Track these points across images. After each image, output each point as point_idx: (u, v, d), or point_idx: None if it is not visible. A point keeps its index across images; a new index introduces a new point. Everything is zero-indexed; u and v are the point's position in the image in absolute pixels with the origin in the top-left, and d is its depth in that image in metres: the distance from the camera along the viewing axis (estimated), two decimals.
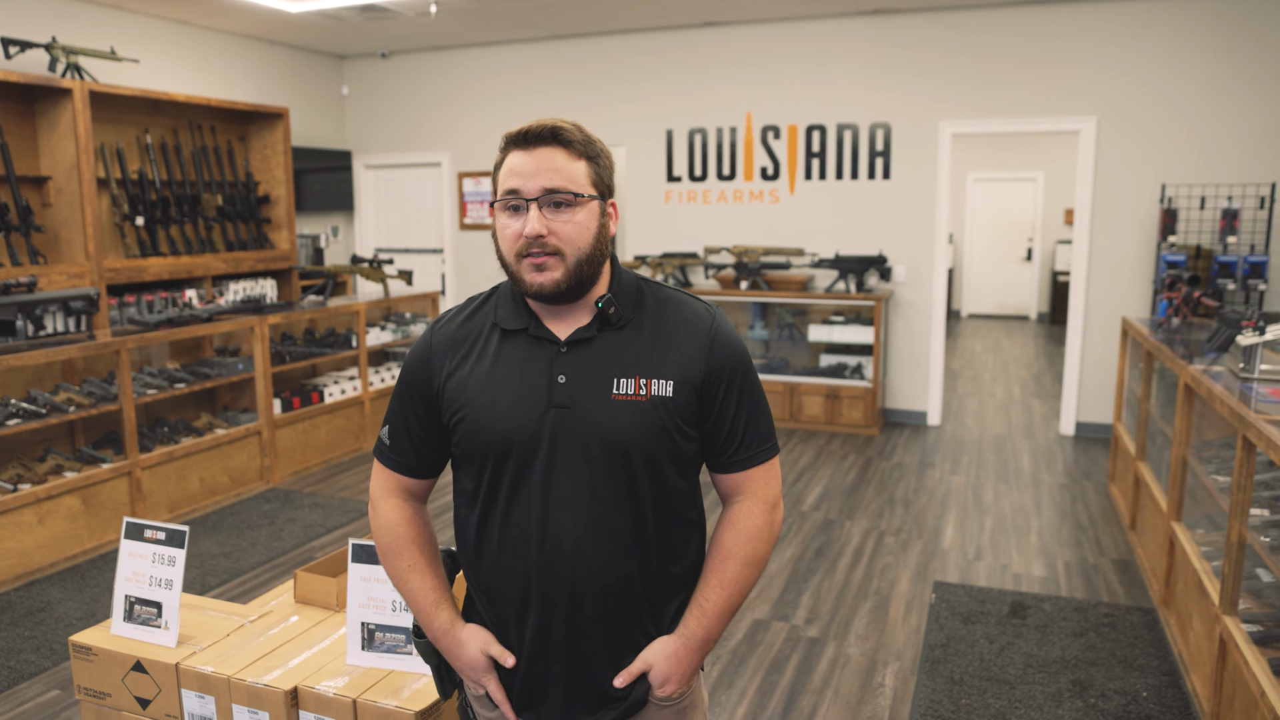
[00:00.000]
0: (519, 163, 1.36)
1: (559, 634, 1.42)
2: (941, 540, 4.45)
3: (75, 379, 4.76)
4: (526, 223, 1.34)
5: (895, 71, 6.43)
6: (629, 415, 1.36)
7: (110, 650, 2.22)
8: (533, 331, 1.41)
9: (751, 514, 1.47)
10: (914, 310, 6.65)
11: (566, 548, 1.38)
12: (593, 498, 1.37)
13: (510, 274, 1.40)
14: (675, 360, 1.39)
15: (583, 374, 1.38)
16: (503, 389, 1.40)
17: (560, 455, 1.36)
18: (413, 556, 1.50)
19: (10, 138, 5.13)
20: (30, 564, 4.12)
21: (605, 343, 1.40)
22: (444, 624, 1.47)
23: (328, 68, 7.96)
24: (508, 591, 1.43)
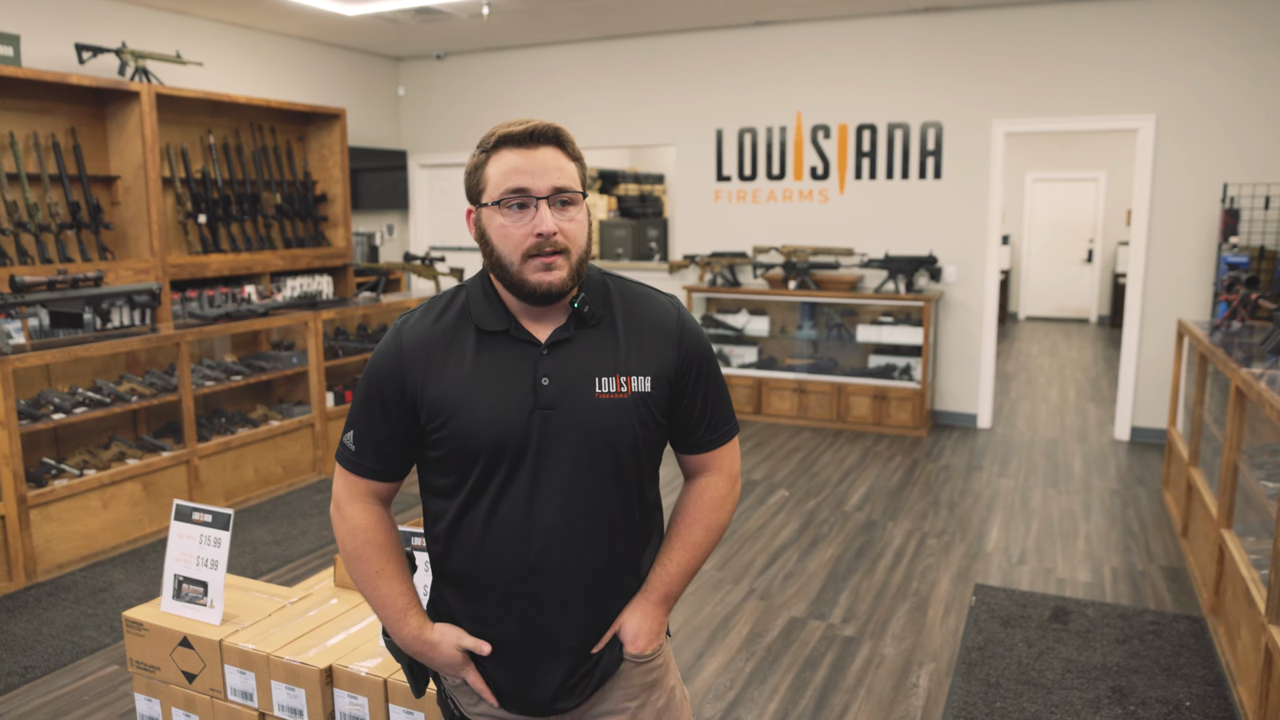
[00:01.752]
0: (522, 162, 1.35)
1: (546, 623, 1.45)
2: (985, 543, 4.40)
3: (138, 370, 4.94)
4: (538, 221, 1.34)
5: (947, 70, 6.36)
6: (613, 413, 1.41)
7: (160, 626, 2.32)
8: (514, 333, 1.41)
9: (716, 486, 1.57)
10: (965, 311, 6.57)
11: (555, 544, 1.41)
12: (579, 493, 1.41)
13: (508, 276, 1.38)
14: (650, 356, 1.45)
15: (565, 375, 1.40)
16: (487, 392, 1.39)
17: (548, 454, 1.39)
18: (380, 562, 1.48)
19: (82, 139, 5.34)
20: (94, 546, 4.30)
21: (583, 342, 1.42)
22: (414, 629, 1.47)
23: (384, 69, 8.13)
24: (488, 583, 1.44)
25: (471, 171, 1.41)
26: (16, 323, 4.65)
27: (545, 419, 1.38)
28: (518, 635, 1.45)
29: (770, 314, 7.15)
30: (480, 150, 1.40)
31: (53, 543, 4.13)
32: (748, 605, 3.76)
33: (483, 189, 1.39)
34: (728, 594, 3.87)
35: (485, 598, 1.45)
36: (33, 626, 3.63)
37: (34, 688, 3.18)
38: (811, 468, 5.66)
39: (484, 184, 1.38)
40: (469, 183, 1.42)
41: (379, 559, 1.48)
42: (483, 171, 1.38)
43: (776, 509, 4.91)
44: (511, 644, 1.46)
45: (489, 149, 1.38)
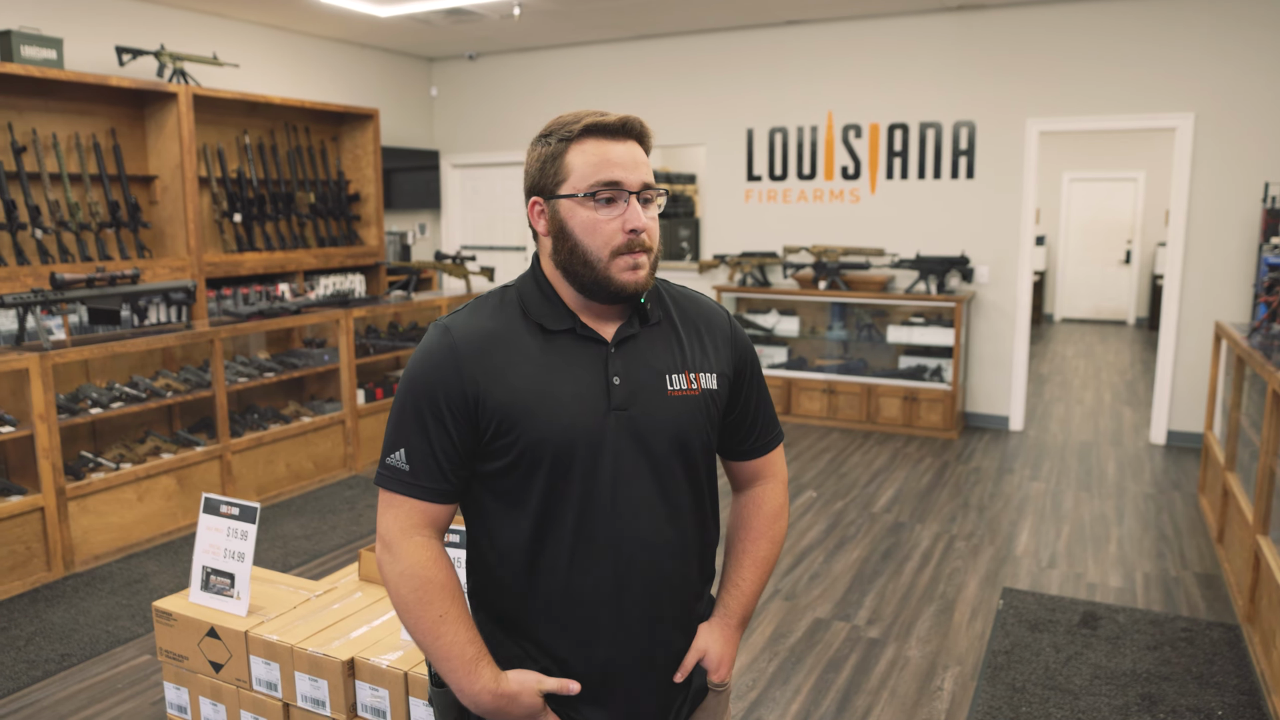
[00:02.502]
0: (616, 153, 1.29)
1: (638, 647, 1.36)
2: (1014, 546, 4.35)
3: (174, 366, 5.03)
4: (631, 217, 1.28)
5: (980, 68, 6.29)
6: (686, 411, 1.36)
7: (188, 616, 2.37)
8: (580, 331, 1.33)
9: (775, 495, 1.53)
10: (997, 312, 6.50)
11: (641, 556, 1.33)
12: (662, 500, 1.34)
13: (591, 273, 1.29)
14: (711, 354, 1.41)
15: (636, 373, 1.33)
16: (559, 394, 1.29)
17: (626, 459, 1.31)
18: (444, 605, 1.29)
19: (122, 139, 5.45)
20: (130, 538, 4.38)
21: (648, 340, 1.36)
22: (488, 682, 1.29)
23: (417, 70, 8.20)
24: (576, 610, 1.32)
25: (547, 160, 1.31)
26: (57, 319, 4.75)
27: (619, 420, 1.30)
28: (608, 665, 1.34)
29: (800, 314, 7.12)
30: (557, 139, 1.30)
31: (90, 534, 4.21)
32: (772, 605, 3.75)
33: (563, 179, 1.29)
34: None
35: (571, 628, 1.33)
36: (70, 616, 3.71)
37: (70, 674, 3.25)
38: (840, 469, 5.63)
39: (565, 173, 1.29)
40: (541, 171, 1.32)
41: (443, 601, 1.29)
42: (562, 160, 1.29)
43: (804, 509, 4.89)
44: (600, 676, 1.34)
45: (571, 137, 1.29)
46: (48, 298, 4.18)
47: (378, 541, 1.34)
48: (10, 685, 3.17)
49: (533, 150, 1.35)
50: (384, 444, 1.34)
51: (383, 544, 1.32)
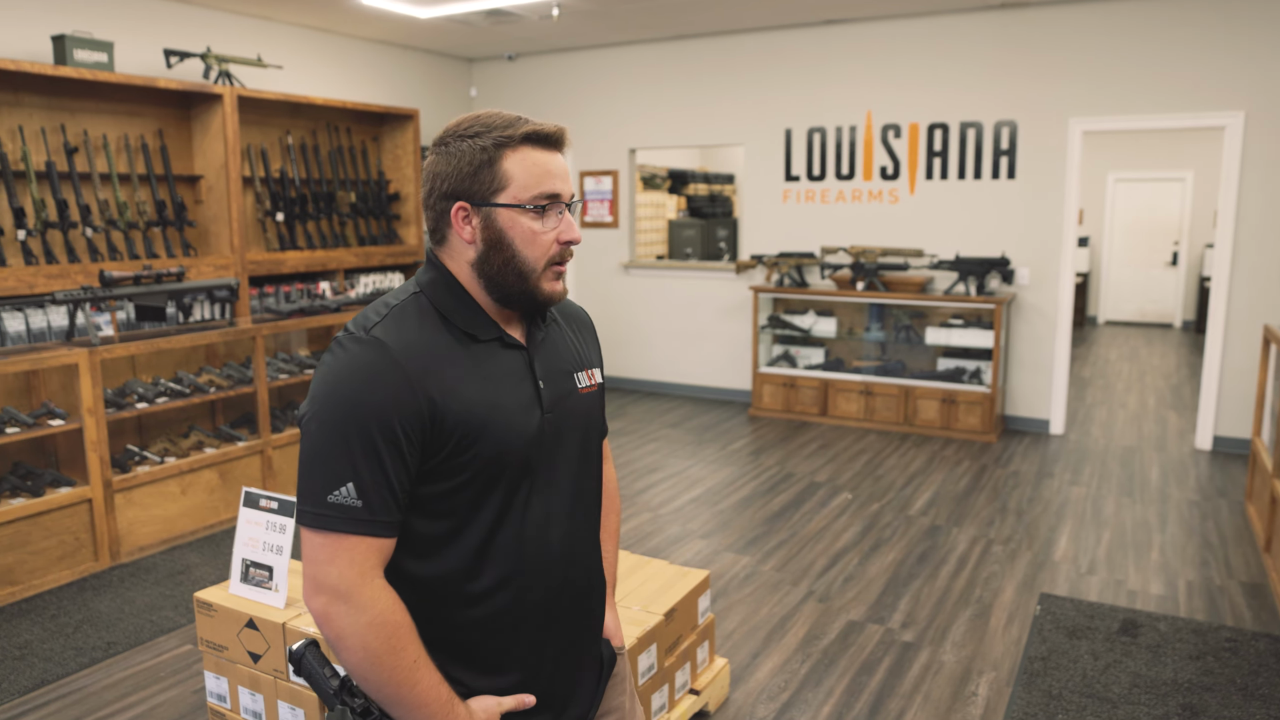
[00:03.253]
0: (554, 164, 1.29)
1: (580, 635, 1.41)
2: (1053, 552, 4.29)
3: (217, 362, 5.13)
4: (567, 229, 1.30)
5: (1022, 67, 6.21)
6: (594, 406, 1.46)
7: (228, 608, 2.41)
8: (507, 340, 1.33)
9: (611, 474, 1.64)
10: (1038, 314, 6.41)
11: (576, 550, 1.39)
12: (580, 493, 1.41)
13: (523, 283, 1.29)
14: (592, 349, 1.51)
15: (554, 375, 1.37)
16: (505, 402, 1.28)
17: (556, 458, 1.34)
18: (415, 649, 1.22)
19: (169, 140, 5.56)
20: (173, 530, 4.47)
21: (552, 343, 1.41)
22: (464, 716, 1.26)
23: (457, 70, 8.27)
24: (528, 612, 1.32)
25: (482, 165, 1.25)
26: (106, 315, 4.87)
27: (550, 422, 1.33)
28: (555, 658, 1.37)
29: (838, 315, 7.08)
30: (492, 143, 1.25)
31: (135, 526, 4.31)
32: (806, 607, 3.73)
33: (501, 187, 1.25)
34: (786, 595, 3.85)
35: (521, 630, 1.32)
36: (115, 605, 3.80)
37: (115, 663, 3.33)
38: (876, 471, 5.59)
39: (504, 181, 1.25)
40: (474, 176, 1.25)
41: (414, 645, 1.22)
42: (498, 167, 1.25)
43: (839, 511, 4.86)
44: (548, 671, 1.36)
45: (508, 143, 1.25)
46: (97, 295, 4.28)
47: (321, 594, 1.17)
48: (59, 671, 3.26)
49: (448, 150, 1.27)
50: (312, 480, 1.18)
51: (335, 596, 1.17)
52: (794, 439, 6.37)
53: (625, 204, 7.91)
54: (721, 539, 4.51)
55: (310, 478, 1.19)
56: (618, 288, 8.03)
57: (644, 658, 2.55)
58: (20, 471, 4.12)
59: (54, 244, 4.95)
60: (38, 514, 3.94)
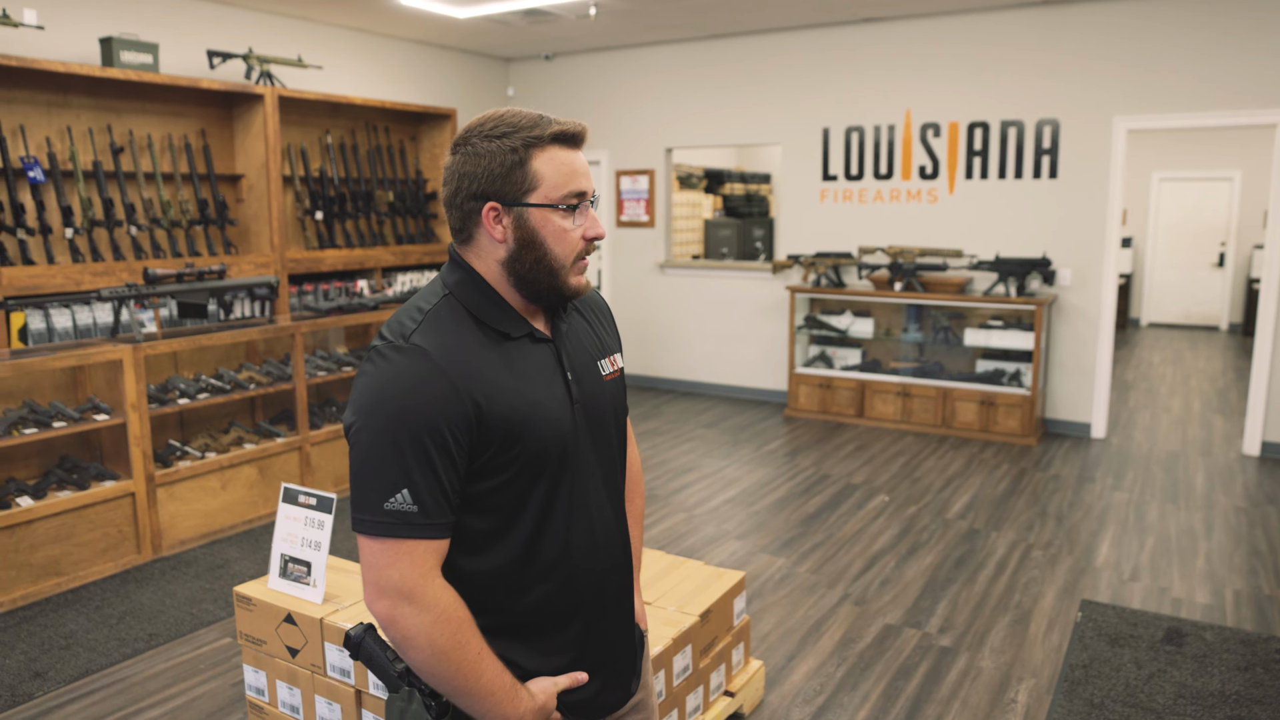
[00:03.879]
0: (578, 162, 1.31)
1: (622, 618, 1.47)
2: (1094, 558, 4.22)
3: (257, 359, 5.19)
4: (593, 225, 1.33)
5: (1064, 65, 6.11)
6: (618, 392, 1.48)
7: (267, 602, 2.44)
8: (536, 335, 1.36)
9: (635, 457, 1.65)
10: (1080, 316, 6.30)
11: (615, 535, 1.43)
12: (611, 479, 1.44)
13: (554, 279, 1.32)
14: (612, 335, 1.53)
15: (580, 366, 1.40)
16: (542, 397, 1.31)
17: (589, 448, 1.38)
18: (478, 641, 1.27)
19: (211, 139, 5.64)
20: (213, 525, 4.53)
21: (575, 333, 1.43)
22: (528, 701, 1.30)
23: (494, 70, 8.31)
24: (576, 600, 1.37)
25: (513, 165, 1.26)
26: (149, 312, 4.95)
27: (580, 413, 1.37)
28: (601, 637, 1.42)
29: (875, 316, 7.01)
30: (521, 143, 1.27)
31: (176, 520, 4.37)
32: (842, 610, 3.70)
33: (532, 187, 1.27)
34: (822, 597, 3.82)
35: (570, 614, 1.37)
36: (157, 598, 3.85)
37: (157, 654, 3.38)
38: (914, 473, 5.52)
39: (535, 180, 1.27)
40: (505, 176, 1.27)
41: (476, 637, 1.26)
42: (528, 167, 1.27)
43: (876, 514, 4.81)
44: (595, 650, 1.41)
45: (536, 143, 1.27)
46: (141, 292, 4.35)
47: (385, 598, 1.21)
48: (103, 661, 3.31)
49: (475, 150, 1.28)
50: (368, 489, 1.21)
51: (400, 598, 1.21)
52: (830, 440, 6.32)
53: (661, 203, 7.90)
54: (757, 540, 4.48)
55: (365, 486, 1.22)
56: (653, 287, 8.02)
57: (679, 659, 2.54)
58: (67, 465, 4.20)
59: (100, 242, 5.04)
60: (83, 507, 4.01)
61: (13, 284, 4.39)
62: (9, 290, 4.38)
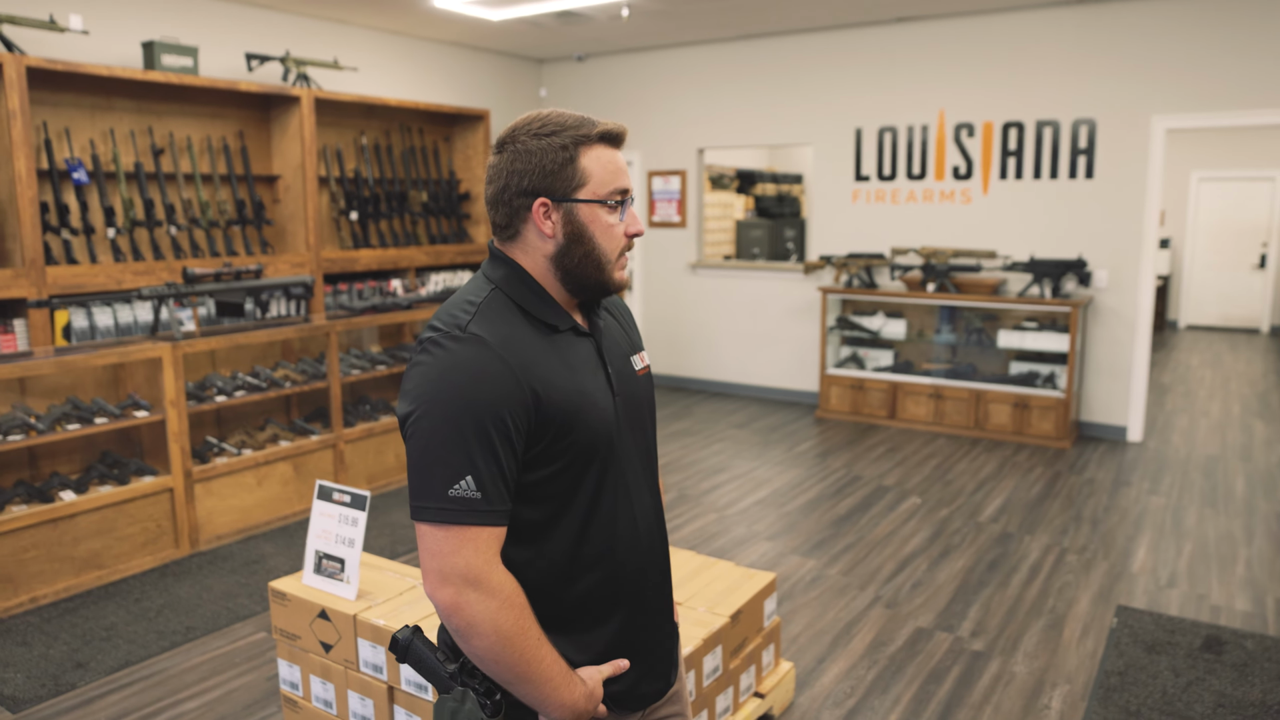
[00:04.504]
0: (621, 161, 1.37)
1: (663, 609, 1.50)
2: (1130, 563, 4.16)
3: (292, 357, 5.26)
4: (631, 222, 1.38)
5: (1102, 63, 6.03)
6: (649, 387, 1.52)
7: (301, 598, 2.47)
8: (580, 329, 1.40)
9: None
10: (1116, 318, 6.22)
11: (654, 526, 1.48)
12: (647, 471, 1.48)
13: (600, 274, 1.36)
14: (636, 334, 1.57)
15: (617, 360, 1.45)
16: (589, 388, 1.35)
17: (631, 440, 1.43)
18: (538, 627, 1.29)
19: (249, 141, 5.72)
20: (249, 520, 4.60)
21: (609, 329, 1.47)
22: (581, 685, 1.33)
23: (527, 71, 8.35)
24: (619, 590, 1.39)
25: (564, 162, 1.30)
26: (188, 311, 5.03)
27: (619, 405, 1.41)
28: (644, 627, 1.45)
29: (907, 317, 6.96)
30: (572, 141, 1.31)
31: (213, 515, 4.44)
32: (873, 612, 3.68)
33: (581, 183, 1.31)
34: (852, 600, 3.80)
35: (615, 604, 1.39)
36: (194, 591, 3.92)
37: (194, 646, 3.44)
38: (946, 475, 5.48)
39: (584, 177, 1.31)
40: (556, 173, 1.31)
41: (535, 623, 1.29)
42: (577, 164, 1.31)
43: (907, 516, 4.78)
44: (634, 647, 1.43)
45: (585, 141, 1.31)
46: (180, 291, 4.43)
47: (449, 585, 1.22)
48: (142, 653, 3.38)
49: (526, 147, 1.31)
50: (431, 476, 1.22)
51: (465, 584, 1.22)
52: (862, 442, 6.29)
53: (693, 204, 7.90)
54: (788, 541, 4.47)
55: (428, 474, 1.22)
56: (685, 288, 8.02)
57: (709, 659, 2.54)
58: (108, 460, 4.28)
59: (140, 242, 5.13)
60: (123, 502, 4.09)
61: (57, 283, 4.49)
62: (54, 289, 4.47)
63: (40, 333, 4.42)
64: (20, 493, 3.90)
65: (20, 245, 4.36)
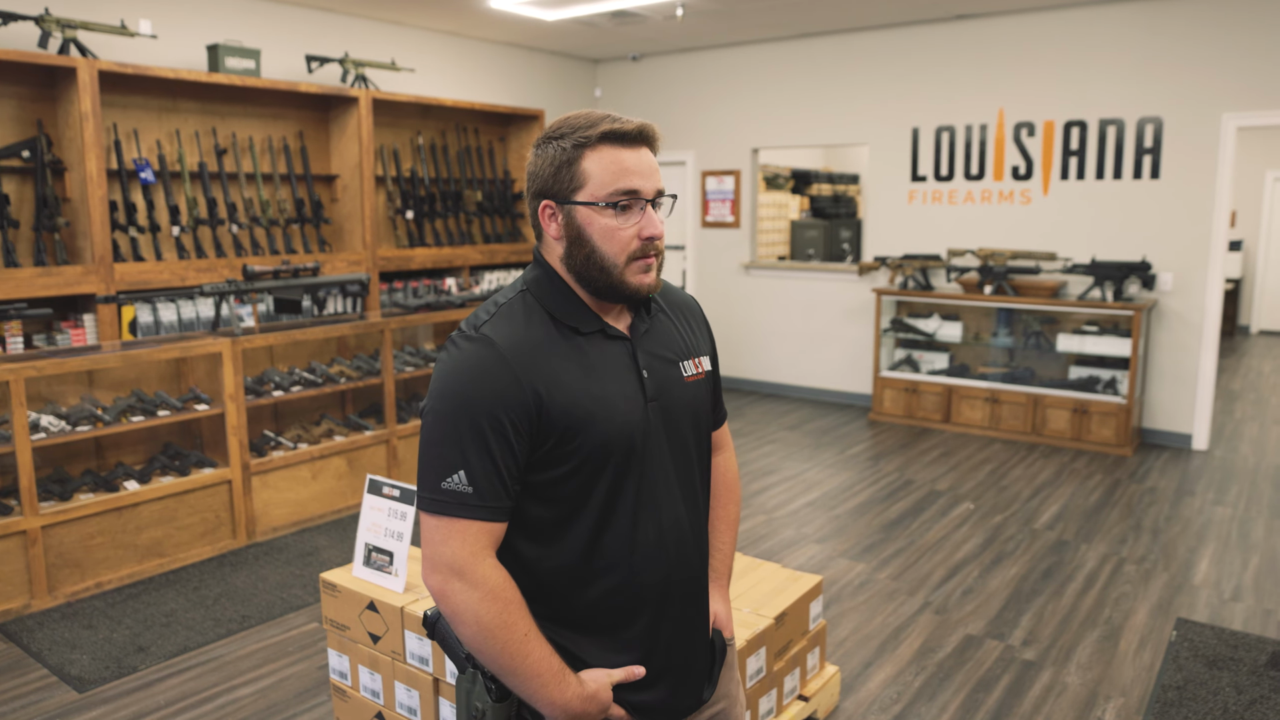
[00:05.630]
0: (632, 161, 1.31)
1: (691, 623, 1.45)
2: (1192, 575, 4.04)
3: (347, 354, 5.35)
4: (648, 224, 1.32)
5: (1170, 60, 5.86)
6: (699, 394, 1.47)
7: (350, 589, 2.52)
8: (609, 331, 1.37)
9: (732, 463, 1.65)
10: (1181, 322, 6.04)
11: (686, 535, 1.42)
12: (689, 481, 1.44)
13: (607, 278, 1.33)
14: (700, 337, 1.52)
15: (657, 365, 1.40)
16: (609, 393, 1.33)
17: (663, 447, 1.38)
18: (526, 622, 1.29)
19: (308, 141, 5.84)
20: (304, 513, 4.70)
21: (657, 332, 1.44)
22: (576, 687, 1.31)
23: (582, 71, 8.39)
24: (639, 600, 1.36)
25: (562, 165, 1.31)
26: (248, 307, 5.15)
27: (654, 411, 1.37)
28: (668, 641, 1.40)
29: (963, 319, 6.85)
30: (571, 144, 1.30)
31: (269, 508, 4.54)
32: (922, 618, 3.63)
33: (579, 185, 1.30)
34: (901, 605, 3.75)
35: (634, 613, 1.37)
36: (250, 581, 4.01)
37: (249, 635, 3.52)
38: (1001, 481, 5.38)
39: (582, 180, 1.30)
40: (555, 176, 1.32)
41: (524, 619, 1.29)
42: (578, 166, 1.30)
43: (959, 522, 4.70)
44: (661, 653, 1.40)
45: (586, 143, 1.30)
46: (240, 288, 4.54)
47: (437, 572, 1.27)
48: (200, 639, 3.47)
49: (541, 151, 1.34)
50: (429, 469, 1.27)
51: (451, 573, 1.26)
52: (915, 445, 6.20)
53: (747, 204, 7.86)
54: (837, 544, 4.43)
55: (426, 465, 1.28)
56: (738, 288, 7.99)
57: (753, 660, 2.53)
58: (170, 452, 4.40)
59: (203, 239, 5.27)
60: (184, 492, 4.21)
61: (124, 279, 4.63)
62: (121, 285, 4.61)
63: (108, 328, 4.56)
64: (88, 481, 4.04)
65: (90, 243, 4.51)
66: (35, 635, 3.52)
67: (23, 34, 4.71)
